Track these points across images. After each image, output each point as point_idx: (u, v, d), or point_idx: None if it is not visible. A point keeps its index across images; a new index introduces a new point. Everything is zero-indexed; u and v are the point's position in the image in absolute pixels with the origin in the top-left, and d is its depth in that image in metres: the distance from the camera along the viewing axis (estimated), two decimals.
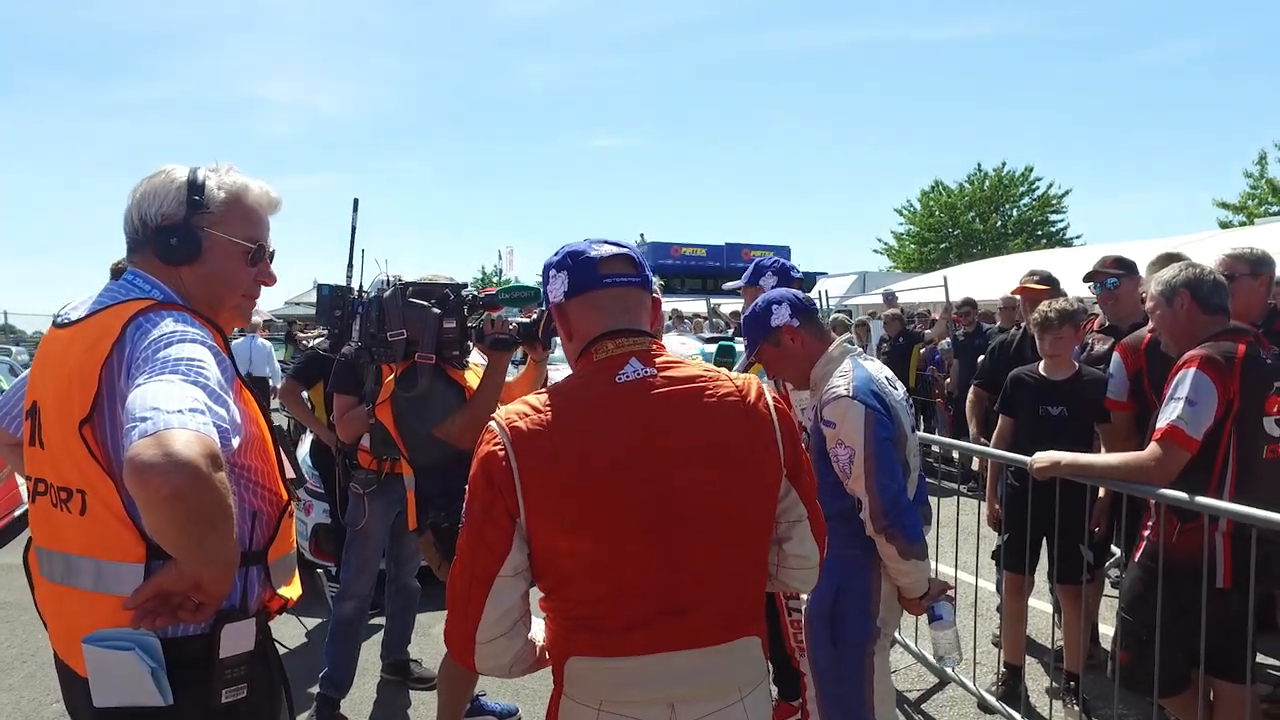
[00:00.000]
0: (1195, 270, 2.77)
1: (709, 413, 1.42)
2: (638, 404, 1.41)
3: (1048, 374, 3.66)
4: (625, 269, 1.52)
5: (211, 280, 1.59)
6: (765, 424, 1.46)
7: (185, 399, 1.24)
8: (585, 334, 1.50)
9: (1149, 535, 2.77)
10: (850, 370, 2.26)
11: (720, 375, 1.48)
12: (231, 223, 1.59)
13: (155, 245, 1.54)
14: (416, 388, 2.85)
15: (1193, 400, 2.52)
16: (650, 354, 1.47)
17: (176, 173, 1.57)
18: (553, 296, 1.54)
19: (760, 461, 1.45)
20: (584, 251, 1.51)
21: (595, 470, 1.37)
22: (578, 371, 1.51)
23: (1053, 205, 33.28)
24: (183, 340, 1.37)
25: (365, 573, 3.78)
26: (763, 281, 3.10)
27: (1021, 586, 3.79)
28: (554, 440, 1.38)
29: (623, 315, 1.50)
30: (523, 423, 1.40)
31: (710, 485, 1.40)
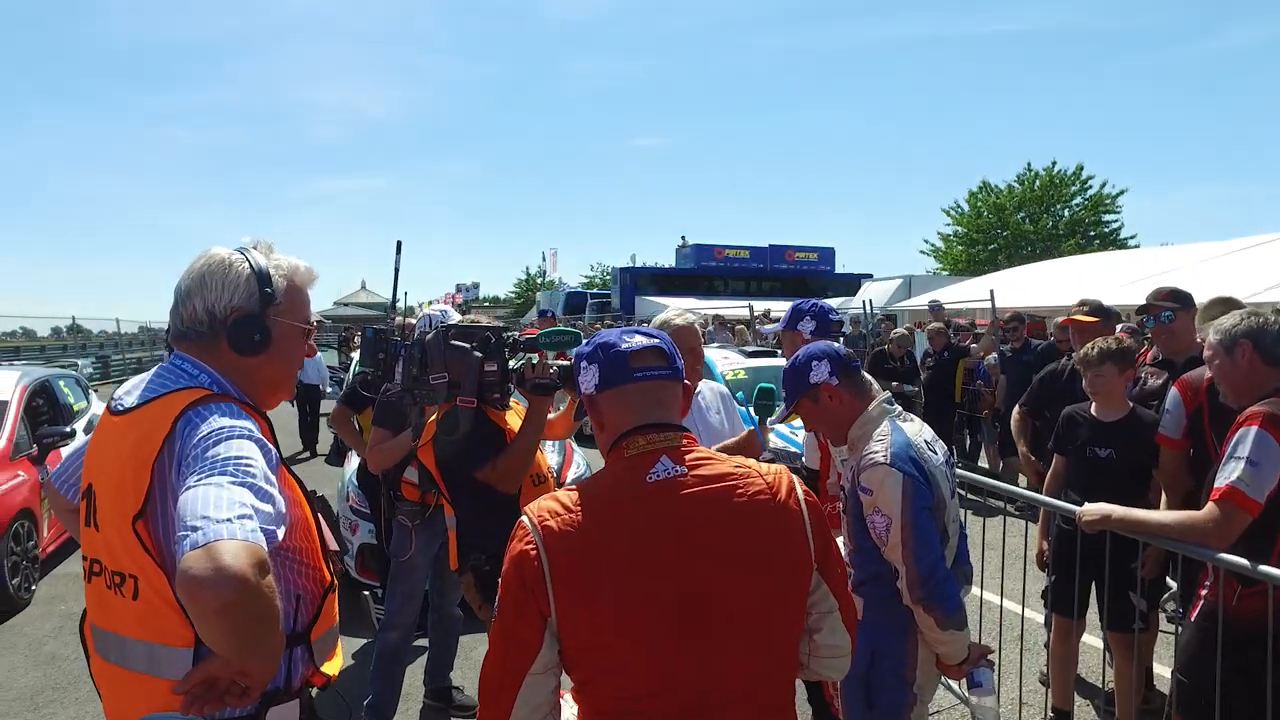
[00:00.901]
0: (1258, 320, 2.66)
1: (739, 513, 1.43)
2: (669, 505, 1.42)
3: (1098, 414, 3.56)
4: (656, 361, 1.54)
5: (277, 365, 1.65)
6: (796, 521, 1.47)
7: (234, 505, 1.28)
8: (616, 427, 1.52)
9: (1206, 595, 2.66)
10: (889, 434, 2.22)
11: (751, 471, 1.48)
12: (294, 308, 1.66)
13: (230, 338, 1.58)
14: (458, 431, 2.89)
15: (1255, 461, 2.42)
16: (681, 450, 1.48)
17: (236, 262, 1.61)
18: (584, 388, 1.56)
19: (791, 560, 1.46)
20: (615, 344, 1.53)
21: (627, 573, 1.38)
22: (609, 467, 1.52)
23: (1106, 205, 32.42)
24: (230, 437, 1.41)
25: (410, 603, 3.83)
26: (801, 326, 3.05)
27: (1070, 630, 3.69)
28: (586, 541, 1.40)
29: (654, 409, 1.51)
30: (554, 522, 1.42)
31: (741, 587, 1.41)
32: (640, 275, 41.24)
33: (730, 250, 41.56)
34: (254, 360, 1.60)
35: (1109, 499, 3.17)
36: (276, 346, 1.62)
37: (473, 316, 3.12)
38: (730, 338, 15.43)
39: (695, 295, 35.26)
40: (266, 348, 1.60)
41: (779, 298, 33.08)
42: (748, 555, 1.42)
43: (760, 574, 1.42)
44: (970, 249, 33.63)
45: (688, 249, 42.34)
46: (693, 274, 40.33)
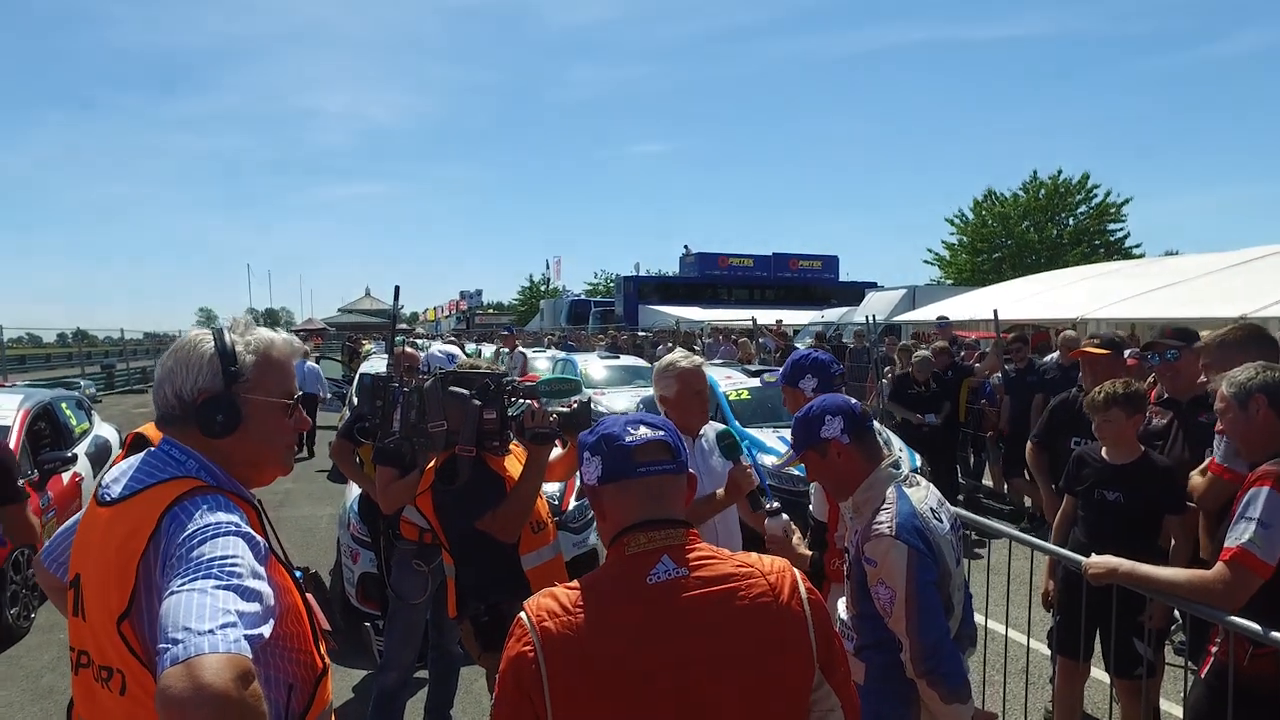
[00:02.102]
0: (1273, 374, 2.62)
1: (740, 617, 1.41)
2: (669, 609, 1.40)
3: (1108, 456, 3.52)
4: (660, 455, 1.51)
5: (254, 443, 1.60)
6: (798, 623, 1.44)
7: (217, 613, 1.25)
8: (618, 521, 1.50)
9: (1216, 653, 2.62)
10: (894, 503, 2.19)
11: (754, 571, 1.46)
12: (267, 383, 1.60)
13: (198, 421, 1.55)
14: (456, 480, 2.86)
15: (1266, 523, 2.38)
16: (683, 549, 1.46)
17: (203, 343, 1.58)
18: (586, 478, 1.54)
19: (791, 663, 1.43)
20: (619, 437, 1.51)
21: (625, 678, 1.36)
22: (610, 564, 1.50)
23: (1111, 214, 32.35)
24: (215, 535, 1.37)
25: (409, 642, 3.79)
26: (802, 384, 3.01)
27: (1075, 672, 3.65)
28: (584, 645, 1.37)
29: (656, 505, 1.49)
30: (553, 624, 1.40)
31: (740, 693, 1.39)
32: (644, 283, 41.30)
33: (734, 259, 41.61)
34: (225, 442, 1.55)
35: (1117, 542, 3.14)
36: (249, 426, 1.56)
37: (471, 362, 3.08)
38: (734, 351, 15.36)
39: (699, 304, 35.31)
40: (236, 428, 1.55)
41: (783, 306, 33.06)
42: (748, 660, 1.40)
43: (760, 679, 1.40)
44: (975, 258, 33.59)
45: (691, 257, 42.40)
46: (696, 282, 40.37)
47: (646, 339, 23.02)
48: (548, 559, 3.02)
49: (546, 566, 2.99)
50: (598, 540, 5.91)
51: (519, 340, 20.49)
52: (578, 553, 5.45)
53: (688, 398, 3.20)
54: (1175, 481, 3.41)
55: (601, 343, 23.24)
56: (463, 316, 62.65)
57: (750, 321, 18.39)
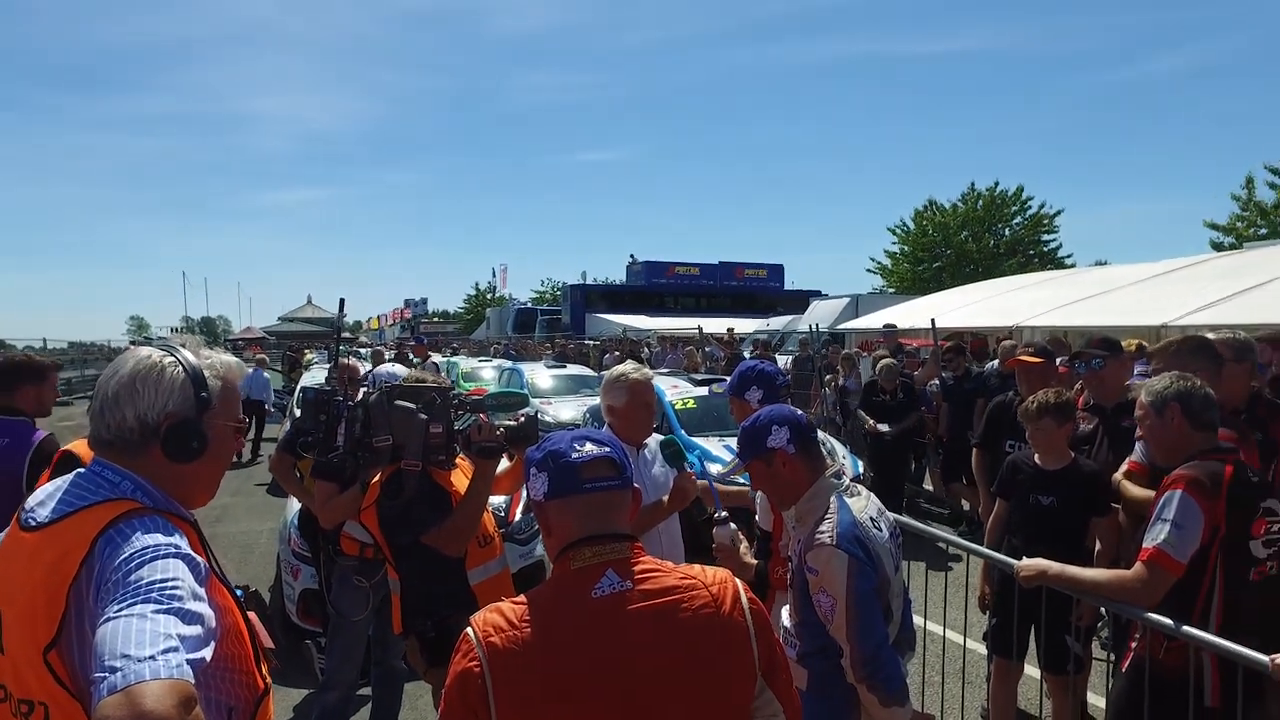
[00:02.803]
0: (1187, 383, 2.77)
1: (683, 628, 1.44)
2: (613, 623, 1.42)
3: (1041, 462, 3.66)
4: (606, 472, 1.54)
5: (211, 467, 1.59)
6: (740, 633, 1.48)
7: (157, 638, 1.22)
8: (563, 536, 1.53)
9: (1136, 647, 2.76)
10: (836, 513, 2.25)
11: (696, 583, 1.49)
12: (228, 408, 1.60)
13: (165, 446, 1.51)
14: (402, 495, 2.84)
15: (1179, 524, 2.52)
16: (627, 563, 1.49)
17: (168, 366, 1.54)
18: (533, 494, 1.56)
19: (734, 672, 1.47)
20: (565, 454, 1.53)
21: (570, 692, 1.38)
22: (555, 579, 1.52)
23: (1045, 225, 33.44)
24: (155, 558, 1.34)
25: (350, 660, 3.73)
26: (748, 395, 3.07)
27: (1010, 670, 3.78)
28: (529, 660, 1.39)
29: (602, 520, 1.52)
30: (499, 639, 1.41)
31: (685, 703, 1.42)
32: (591, 292, 41.33)
33: (680, 267, 41.87)
34: (189, 466, 1.54)
35: (1050, 544, 3.29)
36: (212, 449, 1.56)
37: (417, 375, 3.06)
38: (681, 359, 15.45)
39: (646, 312, 35.43)
40: (204, 453, 1.54)
41: (729, 314, 33.38)
42: (691, 671, 1.43)
43: (703, 689, 1.43)
44: (915, 267, 34.34)
45: (638, 266, 42.54)
46: (643, 291, 40.51)
47: (594, 347, 23.01)
48: (495, 573, 3.02)
49: (494, 580, 2.99)
50: (544, 553, 5.85)
51: (455, 349, 20.34)
52: (524, 565, 5.42)
53: (635, 409, 3.24)
54: (1101, 485, 3.56)
55: (548, 351, 23.19)
56: (407, 325, 61.80)
57: (697, 330, 18.53)
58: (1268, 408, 3.65)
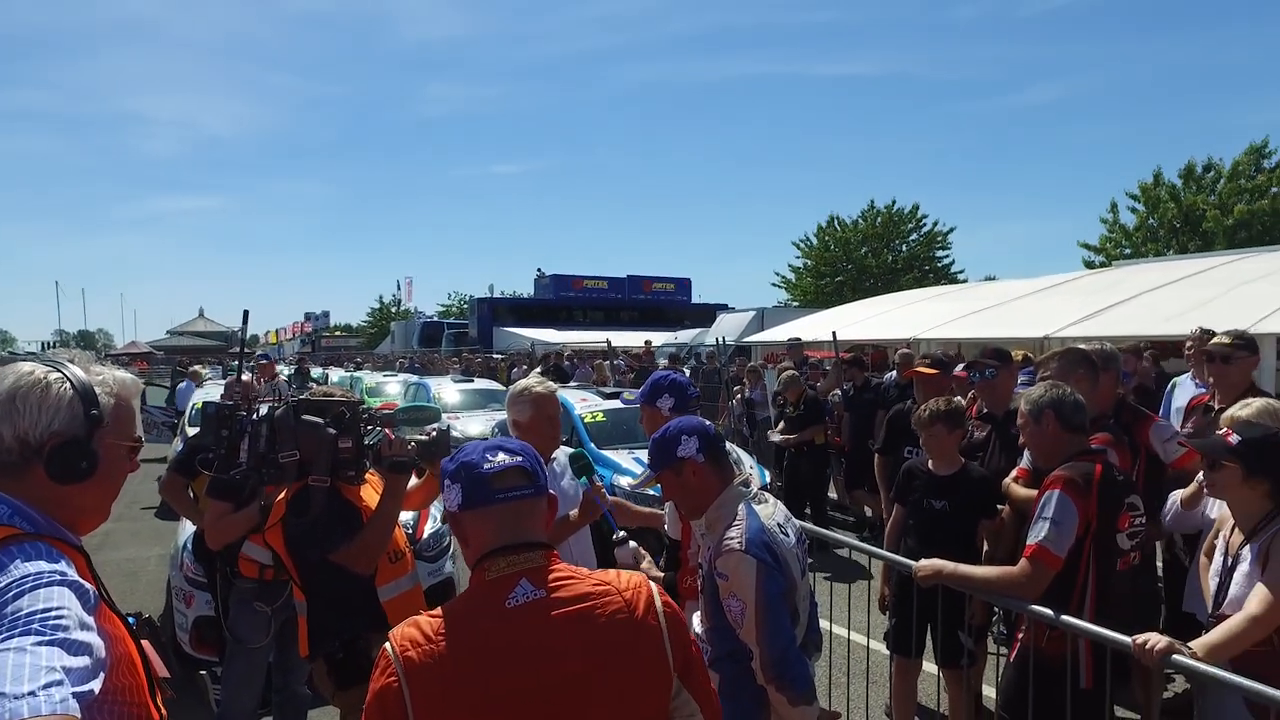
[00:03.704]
0: (1059, 391, 3.00)
1: (597, 634, 1.47)
2: (527, 631, 1.44)
3: (934, 469, 3.85)
4: (518, 481, 1.56)
5: (101, 489, 1.51)
6: (654, 637, 1.52)
7: (39, 671, 1.16)
8: (479, 546, 1.54)
9: (1022, 638, 2.95)
10: (744, 519, 2.32)
11: (610, 589, 1.52)
12: (119, 426, 1.52)
13: (50, 466, 1.43)
14: (310, 511, 2.77)
15: (1057, 520, 2.73)
16: (542, 571, 1.51)
17: (54, 382, 1.46)
18: (447, 505, 1.57)
19: (649, 675, 1.51)
20: (477, 465, 1.55)
21: (490, 703, 1.40)
22: (471, 590, 1.54)
23: (939, 242, 35.07)
24: (36, 586, 1.27)
25: (249, 688, 3.58)
26: (660, 403, 3.14)
27: (909, 668, 3.96)
28: (445, 672, 1.40)
29: (516, 530, 1.54)
30: (415, 653, 1.41)
31: (604, 708, 1.45)
32: (498, 305, 40.93)
33: (588, 281, 41.94)
34: (75, 488, 1.46)
35: (943, 546, 3.46)
36: (102, 470, 1.48)
37: (325, 389, 3.00)
38: (590, 374, 15.48)
39: (554, 326, 35.30)
40: (93, 474, 1.47)
41: (638, 328, 33.58)
42: (608, 676, 1.46)
43: (621, 692, 1.47)
44: (819, 281, 35.43)
45: (546, 279, 42.38)
46: (551, 304, 40.38)
47: (502, 361, 22.79)
48: (406, 589, 2.97)
49: (405, 597, 2.95)
50: (454, 568, 5.81)
51: (358, 363, 19.92)
52: (434, 581, 5.34)
53: (540, 422, 3.26)
54: (990, 489, 3.78)
55: (455, 366, 22.83)
56: (308, 339, 59.74)
57: (605, 343, 18.59)
58: (1132, 413, 3.97)
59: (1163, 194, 26.28)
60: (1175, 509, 3.42)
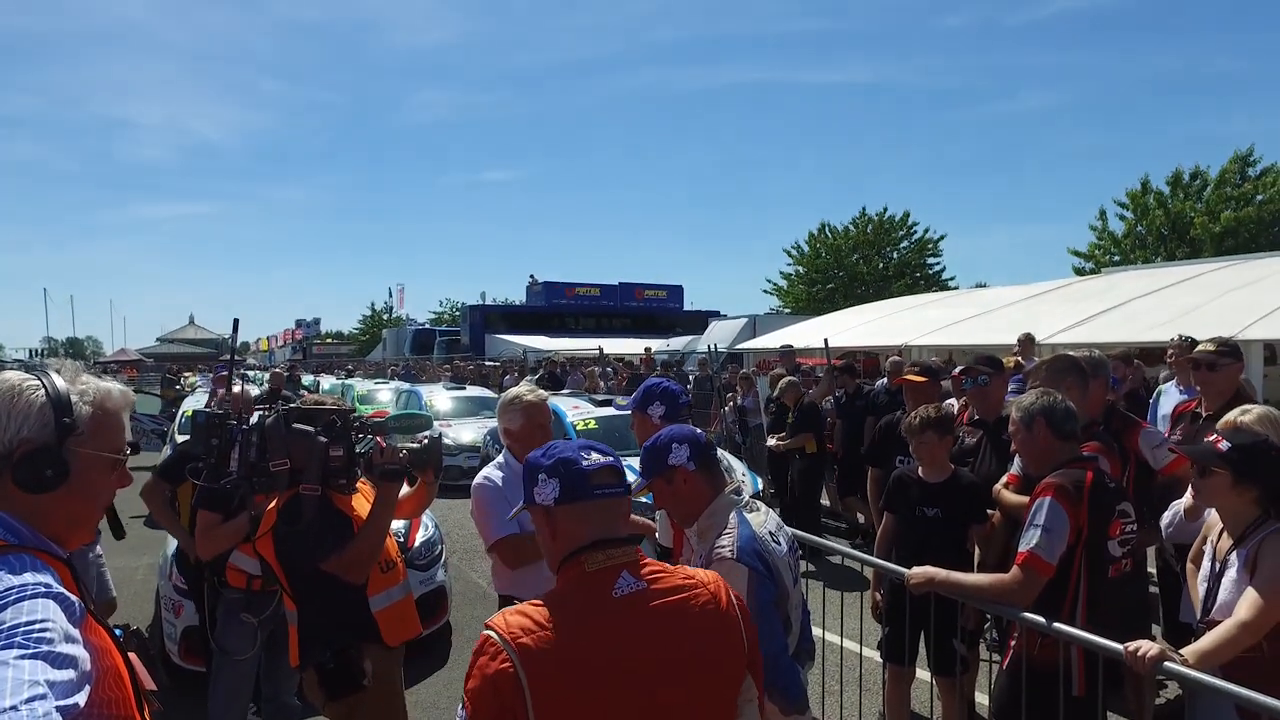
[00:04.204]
0: (1050, 398, 3.01)
1: (693, 624, 1.58)
2: (634, 619, 1.53)
3: (925, 476, 3.86)
4: (612, 480, 1.64)
5: (77, 502, 1.48)
6: (736, 626, 1.65)
7: (22, 685, 1.15)
8: (573, 539, 1.61)
9: (1015, 645, 2.95)
10: (735, 527, 2.32)
11: (697, 582, 1.64)
12: (100, 436, 1.49)
13: (16, 474, 1.41)
14: (301, 520, 2.76)
15: (1048, 528, 2.73)
16: (638, 565, 1.61)
17: (27, 389, 1.44)
18: (539, 498, 1.63)
19: (731, 662, 1.63)
20: (577, 461, 1.62)
21: (600, 687, 1.48)
22: (572, 581, 1.59)
23: (930, 249, 35.22)
24: (20, 598, 1.26)
25: (237, 700, 3.55)
26: (650, 410, 3.14)
27: (902, 675, 3.95)
28: (562, 657, 1.47)
29: (610, 525, 1.62)
30: (529, 639, 1.47)
31: (697, 692, 1.56)
32: (490, 313, 40.95)
33: (581, 288, 42.01)
34: (47, 498, 1.43)
35: (935, 553, 3.47)
36: (77, 481, 1.45)
37: (315, 399, 2.99)
38: (581, 380, 15.46)
39: (546, 333, 35.30)
40: (62, 483, 1.44)
41: (629, 335, 33.65)
42: (702, 662, 1.56)
43: (713, 678, 1.58)
44: (810, 288, 35.53)
45: (538, 286, 42.42)
46: (543, 312, 40.40)
47: (494, 369, 22.76)
48: (398, 599, 2.96)
49: (397, 607, 2.93)
50: (446, 577, 5.78)
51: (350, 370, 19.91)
52: (425, 590, 5.31)
53: (531, 431, 3.26)
54: (981, 496, 3.79)
55: (447, 373, 22.78)
56: (299, 346, 59.54)
57: (598, 350, 18.59)
58: (1121, 420, 3.99)
59: (1151, 201, 26.49)
60: (1178, 519, 3.37)
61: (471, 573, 7.35)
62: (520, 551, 2.99)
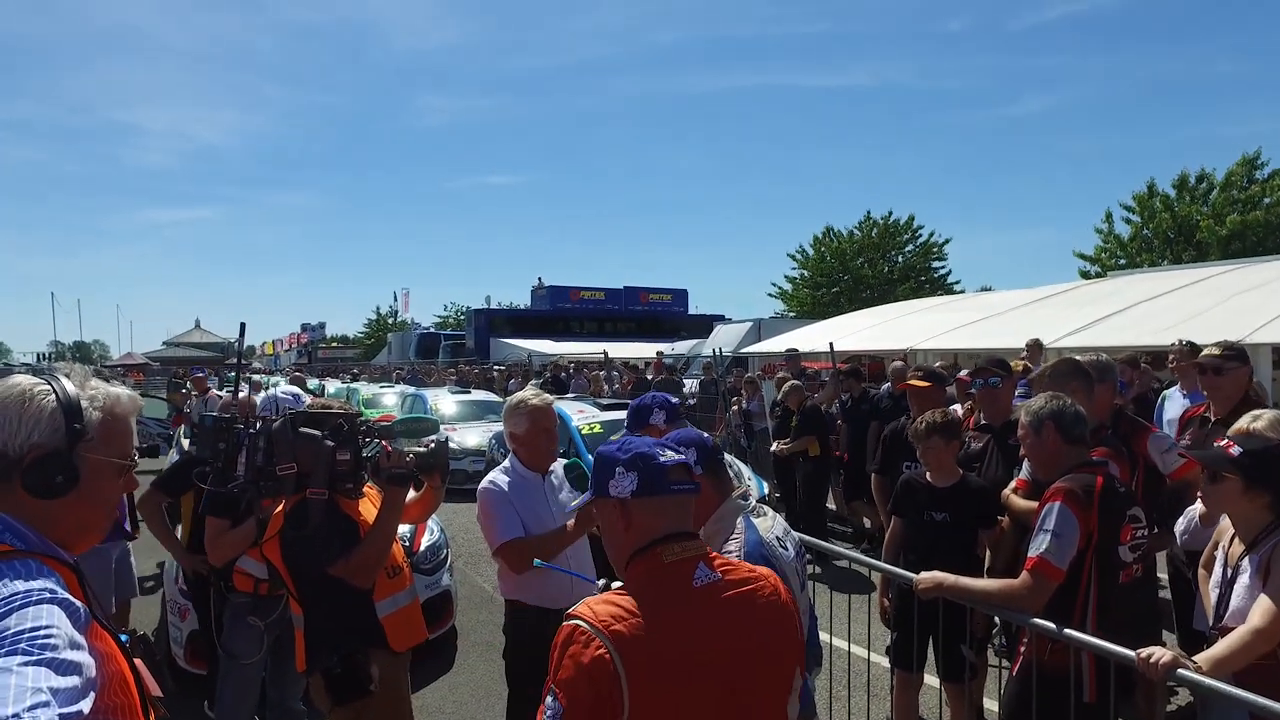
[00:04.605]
0: (1059, 402, 2.99)
1: (760, 613, 1.66)
2: (710, 609, 1.60)
3: (932, 480, 3.84)
4: (685, 477, 1.70)
5: (86, 507, 1.47)
6: (794, 618, 1.74)
7: (24, 692, 1.14)
8: (647, 531, 1.66)
9: (1024, 651, 2.93)
10: (742, 532, 2.31)
11: (759, 574, 1.72)
12: (109, 442, 1.49)
13: (26, 479, 1.41)
14: (308, 525, 2.75)
15: (1058, 533, 2.71)
16: (709, 557, 1.68)
17: (38, 394, 1.44)
18: (614, 490, 1.66)
19: (791, 650, 1.73)
20: (655, 456, 1.67)
21: (687, 670, 1.53)
22: (651, 571, 1.64)
23: (935, 253, 35.17)
24: (25, 604, 1.25)
25: (243, 704, 3.55)
26: (652, 420, 3.15)
27: (910, 681, 3.93)
28: (654, 644, 1.52)
29: (684, 519, 1.69)
30: (622, 626, 1.51)
31: (767, 678, 1.65)
32: (495, 316, 41.00)
33: (585, 292, 42.06)
34: (57, 503, 1.43)
35: (944, 558, 3.44)
36: (86, 486, 1.45)
37: (323, 402, 2.99)
38: (586, 385, 15.45)
39: (550, 337, 35.34)
40: (72, 489, 1.44)
41: (634, 339, 33.64)
42: (771, 649, 1.65)
43: (777, 669, 1.67)
44: (815, 292, 35.50)
45: (543, 290, 42.49)
46: (548, 315, 40.44)
47: (500, 373, 22.77)
48: (404, 604, 2.95)
49: (403, 612, 2.92)
50: (451, 581, 5.77)
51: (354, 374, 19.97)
52: (431, 594, 5.30)
53: (536, 435, 3.26)
54: (989, 500, 3.77)
55: (452, 377, 22.79)
56: (304, 350, 59.69)
57: (602, 354, 18.59)
58: (1129, 424, 3.97)
59: (1157, 204, 26.42)
60: (1193, 525, 3.33)
61: (477, 577, 7.34)
62: (525, 555, 2.98)
